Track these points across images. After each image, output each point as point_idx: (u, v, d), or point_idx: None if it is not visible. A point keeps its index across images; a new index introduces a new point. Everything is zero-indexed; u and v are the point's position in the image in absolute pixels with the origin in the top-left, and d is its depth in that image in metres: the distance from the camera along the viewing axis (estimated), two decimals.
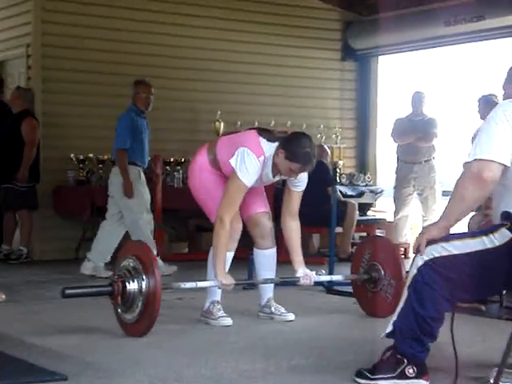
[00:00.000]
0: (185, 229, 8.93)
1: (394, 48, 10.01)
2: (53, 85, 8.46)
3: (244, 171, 4.50)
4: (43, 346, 4.08)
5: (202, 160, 4.81)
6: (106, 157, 8.54)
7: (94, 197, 8.20)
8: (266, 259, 4.89)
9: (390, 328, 3.32)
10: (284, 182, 4.97)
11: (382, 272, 4.84)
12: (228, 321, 4.65)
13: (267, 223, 4.85)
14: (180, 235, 8.92)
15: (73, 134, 8.46)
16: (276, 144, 4.58)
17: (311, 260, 8.20)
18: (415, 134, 8.65)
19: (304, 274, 4.75)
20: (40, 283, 6.65)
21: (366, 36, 9.92)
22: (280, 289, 5.03)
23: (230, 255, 4.75)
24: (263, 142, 4.59)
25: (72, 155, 8.43)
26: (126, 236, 7.22)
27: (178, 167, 8.86)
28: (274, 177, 4.70)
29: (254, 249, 4.94)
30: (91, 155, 8.51)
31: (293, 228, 4.80)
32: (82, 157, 8.45)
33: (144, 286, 4.23)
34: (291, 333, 4.50)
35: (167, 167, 8.80)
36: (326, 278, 5.43)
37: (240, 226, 4.76)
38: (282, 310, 4.86)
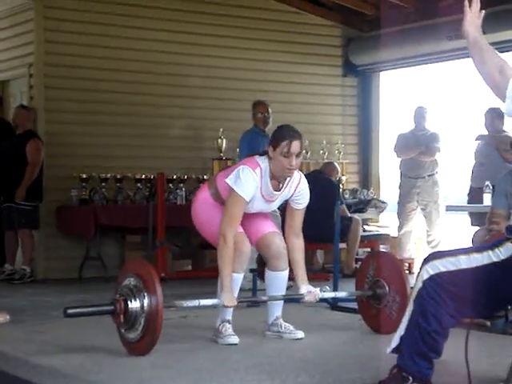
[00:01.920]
0: (188, 246, 8.92)
1: (395, 63, 10.03)
2: (55, 104, 8.50)
3: (240, 185, 4.51)
4: (48, 366, 4.06)
5: (203, 196, 4.82)
6: (108, 175, 8.56)
7: (97, 215, 8.20)
8: (278, 281, 4.83)
9: (395, 342, 3.30)
10: (286, 203, 4.94)
11: (387, 288, 4.82)
12: (234, 339, 4.62)
13: (280, 243, 4.78)
14: (183, 252, 8.91)
15: (76, 152, 8.48)
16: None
17: (316, 276, 8.20)
18: (418, 149, 8.65)
19: (308, 291, 4.73)
20: (44, 303, 6.64)
21: (367, 52, 9.95)
22: (284, 306, 5.00)
23: (240, 277, 4.72)
24: (257, 157, 4.66)
25: (75, 174, 8.44)
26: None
27: (181, 184, 8.86)
28: (274, 190, 4.66)
29: (267, 270, 4.87)
30: (94, 174, 8.52)
31: (297, 246, 4.78)
32: (85, 175, 8.46)
33: (146, 305, 4.21)
34: (296, 350, 4.48)
35: (170, 184, 8.80)
36: (330, 294, 5.41)
37: (248, 250, 4.68)
38: (291, 327, 4.82)
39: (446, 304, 3.16)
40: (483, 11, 3.17)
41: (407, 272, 8.72)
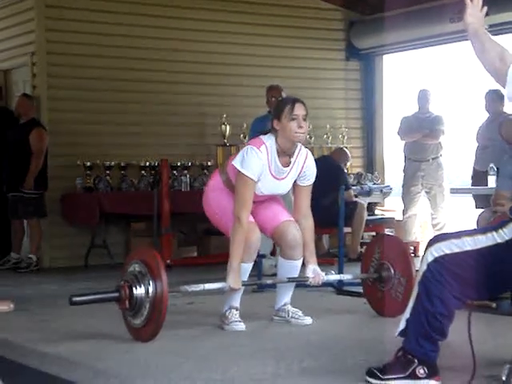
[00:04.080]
0: (193, 233, 8.93)
1: (398, 46, 10.00)
2: (58, 92, 8.49)
3: (246, 165, 4.50)
4: (54, 353, 4.08)
5: (214, 182, 4.81)
6: (113, 163, 8.57)
7: (102, 203, 8.21)
8: (291, 270, 4.80)
9: (402, 325, 3.31)
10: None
11: (392, 271, 4.83)
12: (241, 326, 4.62)
13: (296, 232, 4.73)
14: (189, 239, 8.92)
15: (79, 140, 8.48)
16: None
17: (321, 261, 8.18)
18: (422, 131, 8.63)
19: (313, 273, 4.73)
20: (50, 291, 6.66)
21: (369, 35, 9.91)
22: None
23: (248, 267, 4.71)
24: (261, 136, 4.65)
25: (79, 162, 8.45)
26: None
27: (185, 171, 8.86)
28: (283, 166, 4.63)
29: (280, 258, 4.85)
30: (98, 162, 8.53)
31: (305, 226, 4.75)
32: (89, 163, 8.47)
33: (151, 291, 4.23)
34: (302, 335, 4.49)
35: (174, 171, 8.81)
36: (335, 277, 5.40)
37: (257, 240, 4.66)
38: (300, 313, 4.81)
39: (450, 286, 3.17)
40: (486, 7, 3.21)
41: (412, 255, 8.74)
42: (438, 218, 8.78)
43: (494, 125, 7.80)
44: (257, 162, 4.52)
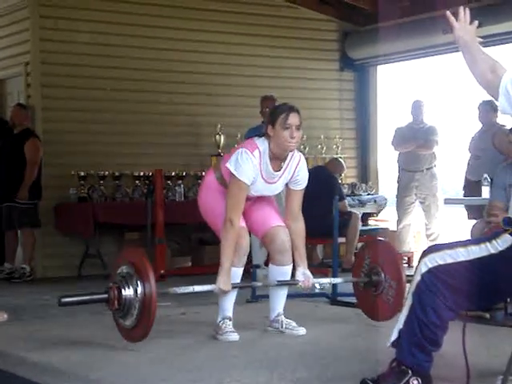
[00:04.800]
0: (187, 243, 8.92)
1: (392, 57, 10.02)
2: (53, 102, 8.49)
3: (240, 169, 4.53)
4: (47, 363, 4.07)
5: (209, 179, 4.84)
6: (107, 173, 8.56)
7: (95, 213, 8.20)
8: (281, 275, 4.82)
9: (395, 335, 3.30)
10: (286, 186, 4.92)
11: (383, 274, 4.84)
12: (234, 336, 4.62)
13: (286, 238, 4.77)
14: (183, 249, 8.91)
15: (73, 150, 8.47)
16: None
17: (315, 271, 8.18)
18: (416, 142, 8.65)
19: (304, 277, 4.74)
20: (43, 301, 6.63)
21: (364, 46, 9.94)
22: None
23: (238, 271, 4.72)
24: (256, 139, 4.67)
25: (73, 172, 8.44)
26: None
27: (179, 181, 8.86)
28: (275, 170, 4.65)
29: (271, 265, 4.88)
30: (92, 172, 8.52)
31: (296, 230, 4.78)
32: (83, 173, 8.46)
33: (139, 292, 4.24)
34: (295, 345, 4.48)
35: (168, 181, 8.80)
36: (325, 280, 5.37)
37: (247, 242, 4.69)
38: (293, 324, 4.82)
39: (444, 297, 3.17)
40: (476, 21, 3.23)
41: (406, 265, 8.74)
42: (432, 229, 8.79)
43: (487, 135, 7.83)
44: (250, 166, 4.55)
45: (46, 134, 8.37)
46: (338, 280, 5.46)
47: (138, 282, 4.23)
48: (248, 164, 4.54)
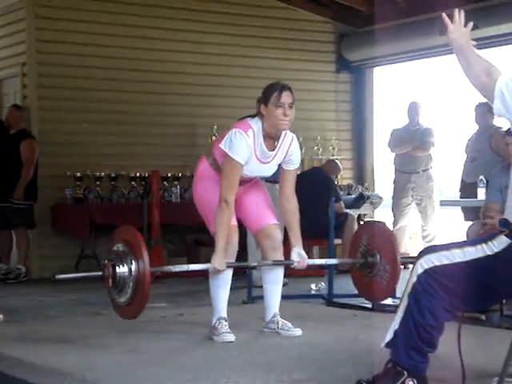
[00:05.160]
0: (183, 243, 8.92)
1: (388, 59, 10.04)
2: (49, 103, 8.49)
3: (233, 149, 4.54)
4: (43, 364, 4.06)
5: (202, 167, 4.82)
6: (103, 174, 8.56)
7: (91, 214, 8.20)
8: (274, 274, 4.85)
9: (390, 336, 3.30)
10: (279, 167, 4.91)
11: (378, 257, 4.85)
12: (230, 337, 4.62)
13: (278, 235, 4.82)
14: (178, 250, 8.91)
15: (70, 151, 8.47)
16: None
17: (311, 272, 8.21)
18: (412, 144, 8.66)
19: (298, 257, 4.76)
20: (39, 302, 6.63)
21: (360, 47, 9.95)
22: (280, 302, 4.99)
23: (231, 269, 4.72)
24: (249, 119, 4.69)
25: (69, 173, 8.43)
26: None
27: (176, 182, 8.86)
28: (269, 150, 4.66)
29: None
30: (88, 172, 8.52)
31: (289, 209, 4.80)
32: (79, 174, 8.46)
33: (133, 269, 4.27)
34: (292, 346, 4.48)
35: (164, 182, 8.80)
36: (321, 261, 5.32)
37: (236, 239, 4.72)
38: (289, 325, 4.82)
39: (440, 298, 3.17)
40: (471, 22, 3.22)
41: (402, 267, 8.74)
42: (428, 230, 8.80)
43: (484, 137, 7.84)
44: (244, 146, 4.56)
45: (42, 135, 8.37)
46: (333, 261, 5.50)
47: (132, 260, 4.27)
48: (242, 143, 4.55)
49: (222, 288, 4.71)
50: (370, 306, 5.80)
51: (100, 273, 4.37)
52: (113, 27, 8.77)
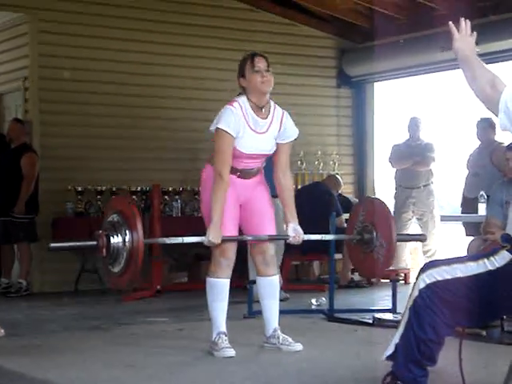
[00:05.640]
0: (184, 258, 8.92)
1: (389, 74, 10.06)
2: (50, 117, 8.50)
3: (221, 120, 4.65)
4: (44, 379, 4.06)
5: (206, 174, 4.83)
6: (104, 188, 8.56)
7: (92, 228, 8.16)
8: (269, 288, 4.85)
9: (391, 349, 3.30)
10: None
11: (374, 233, 4.85)
12: (231, 352, 4.61)
13: (271, 252, 4.84)
14: (179, 265, 8.90)
15: (71, 165, 8.47)
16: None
17: (312, 287, 8.21)
18: (413, 159, 8.67)
19: (294, 232, 4.77)
20: (40, 316, 6.62)
21: (361, 63, 9.98)
22: (280, 317, 5.00)
23: (225, 282, 4.72)
24: (234, 98, 4.81)
25: (70, 187, 8.44)
26: None
27: (177, 196, 8.86)
28: (261, 118, 4.71)
29: (257, 277, 4.90)
30: (89, 186, 8.52)
31: (285, 185, 4.84)
32: (80, 188, 8.46)
33: (127, 240, 4.30)
34: (292, 362, 4.48)
35: (165, 196, 8.80)
36: (316, 237, 5.21)
37: (232, 254, 4.72)
38: (290, 340, 4.81)
39: (442, 313, 3.17)
40: (475, 32, 3.21)
41: (403, 282, 8.75)
42: (429, 245, 8.79)
43: (485, 152, 7.85)
44: (231, 116, 4.65)
45: (43, 149, 8.38)
46: (330, 237, 5.55)
47: (127, 232, 4.30)
48: (228, 113, 4.66)
49: (218, 302, 4.70)
50: (370, 321, 5.80)
51: (94, 242, 4.38)
52: (115, 42, 8.79)
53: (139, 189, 8.75)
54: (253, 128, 4.70)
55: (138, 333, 5.55)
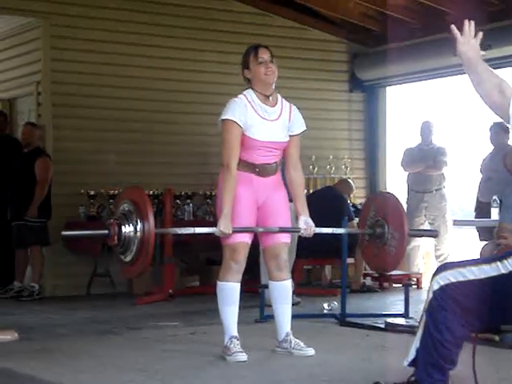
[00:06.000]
0: (196, 262, 8.92)
1: (401, 78, 10.04)
2: (63, 121, 8.53)
3: (226, 111, 4.68)
4: (56, 382, 4.06)
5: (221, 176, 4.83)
6: (116, 192, 8.57)
7: None
8: (281, 292, 4.84)
9: (412, 355, 3.29)
10: None
11: (386, 226, 4.86)
12: (243, 356, 4.60)
13: (285, 256, 4.82)
14: (191, 269, 8.91)
15: (83, 169, 8.50)
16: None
17: (323, 291, 8.20)
18: (425, 163, 8.66)
19: (305, 225, 4.77)
20: (52, 320, 6.64)
21: (373, 67, 9.97)
22: (292, 322, 4.99)
23: (235, 286, 4.72)
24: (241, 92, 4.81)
25: (83, 191, 8.46)
26: None
27: (188, 200, 8.87)
28: (270, 106, 4.75)
29: (270, 281, 4.89)
30: (102, 190, 8.54)
31: (296, 178, 4.85)
32: (92, 192, 8.48)
33: (139, 229, 4.31)
34: (304, 366, 4.47)
35: (177, 200, 8.81)
36: (327, 230, 5.22)
37: (243, 257, 4.72)
38: (302, 344, 4.80)
39: (455, 313, 3.16)
40: (480, 32, 3.16)
41: (415, 287, 8.72)
42: (442, 250, 8.77)
43: (499, 157, 7.83)
44: (235, 106, 4.68)
45: (56, 153, 8.41)
46: (341, 230, 5.53)
47: (138, 220, 4.31)
48: (232, 104, 4.69)
49: (229, 306, 4.70)
50: (382, 325, 5.78)
51: (106, 231, 4.40)
52: (126, 47, 8.81)
53: (151, 193, 8.76)
54: (262, 116, 4.73)
55: (150, 337, 5.56)
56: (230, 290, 4.68)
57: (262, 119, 4.72)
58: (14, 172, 8.17)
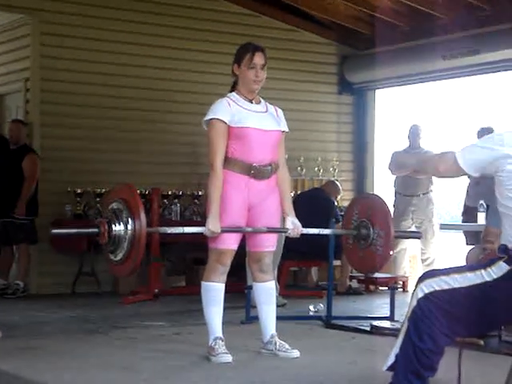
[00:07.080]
0: (182, 262, 8.91)
1: (390, 81, 10.07)
2: (51, 119, 8.50)
3: (210, 112, 4.67)
4: (41, 381, 4.05)
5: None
6: (103, 190, 8.55)
7: None
8: (265, 293, 4.85)
9: (391, 360, 3.30)
10: None
11: (370, 227, 4.84)
12: (227, 358, 4.60)
13: (268, 261, 4.84)
14: (177, 268, 8.89)
15: (70, 167, 8.47)
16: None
17: (310, 293, 8.21)
18: (412, 167, 8.66)
19: (293, 225, 4.77)
20: (37, 318, 6.61)
21: (362, 70, 9.99)
22: (278, 324, 4.99)
23: (219, 286, 4.72)
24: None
25: (69, 189, 8.43)
26: None
27: (176, 200, 8.86)
28: (254, 104, 4.76)
29: (253, 283, 4.91)
30: (89, 189, 8.51)
31: (282, 176, 4.84)
32: (79, 190, 8.45)
33: (129, 228, 4.27)
34: (289, 369, 4.46)
35: (165, 200, 8.80)
36: (314, 231, 5.21)
37: (229, 262, 4.72)
38: (287, 346, 4.80)
39: (440, 323, 3.17)
40: None
41: (401, 290, 8.74)
42: (428, 253, 8.79)
43: None
44: (219, 105, 4.67)
45: (43, 151, 8.38)
46: (327, 231, 5.50)
47: (129, 218, 4.27)
48: (216, 104, 4.68)
49: (213, 306, 4.70)
50: (368, 328, 5.79)
51: (96, 229, 4.35)
52: (117, 45, 8.80)
53: (138, 192, 8.73)
54: (249, 108, 4.73)
55: (135, 336, 5.54)
56: (214, 291, 4.68)
57: (251, 111, 4.73)
58: (0, 169, 8.12)
